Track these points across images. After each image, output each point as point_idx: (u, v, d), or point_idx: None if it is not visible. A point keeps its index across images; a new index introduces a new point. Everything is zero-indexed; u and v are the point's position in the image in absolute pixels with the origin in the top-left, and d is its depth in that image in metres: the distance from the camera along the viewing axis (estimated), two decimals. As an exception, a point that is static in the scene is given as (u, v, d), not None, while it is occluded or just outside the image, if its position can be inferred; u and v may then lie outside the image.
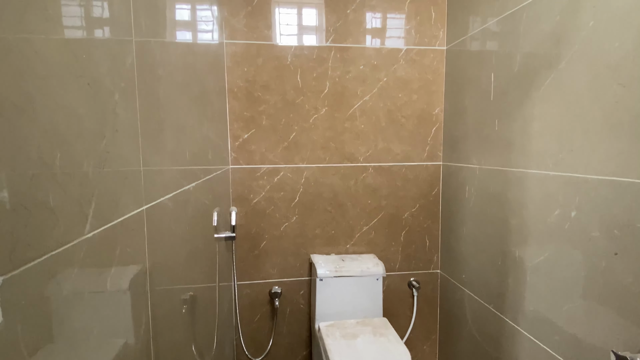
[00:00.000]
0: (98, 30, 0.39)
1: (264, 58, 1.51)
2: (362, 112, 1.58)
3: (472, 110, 1.42)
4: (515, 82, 1.17)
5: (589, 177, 0.90)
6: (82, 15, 0.36)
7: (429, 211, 1.67)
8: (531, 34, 1.09)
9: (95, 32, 0.39)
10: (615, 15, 0.83)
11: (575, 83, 0.94)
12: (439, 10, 1.59)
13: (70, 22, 0.34)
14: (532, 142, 1.10)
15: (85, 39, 0.37)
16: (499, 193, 1.26)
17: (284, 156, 1.56)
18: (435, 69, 1.61)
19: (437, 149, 1.65)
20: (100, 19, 0.40)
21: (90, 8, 0.38)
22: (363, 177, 1.61)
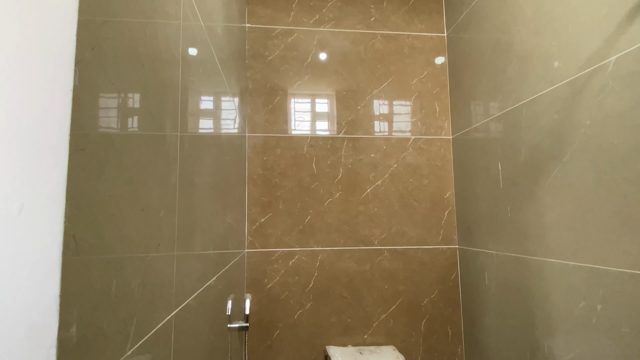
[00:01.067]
0: (155, 161, 0.46)
1: (282, 148, 1.62)
2: (375, 196, 1.64)
3: (483, 197, 1.45)
4: (523, 172, 1.22)
5: (610, 270, 0.89)
6: (146, 153, 0.42)
7: (449, 298, 1.62)
8: (533, 129, 1.17)
9: (154, 163, 0.45)
10: (610, 115, 0.90)
11: (581, 176, 0.98)
12: (442, 104, 1.73)
13: (134, 159, 0.40)
14: (547, 231, 1.11)
15: (144, 171, 0.43)
16: (519, 281, 1.24)
17: (299, 239, 1.58)
18: (443, 156, 1.69)
19: (451, 232, 1.66)
20: (157, 151, 0.47)
21: (153, 145, 0.45)
22: (379, 261, 1.60)
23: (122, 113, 0.38)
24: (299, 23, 1.69)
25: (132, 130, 0.40)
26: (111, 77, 0.35)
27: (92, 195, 0.31)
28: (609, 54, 0.90)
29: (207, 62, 0.84)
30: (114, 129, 0.36)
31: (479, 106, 1.49)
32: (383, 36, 1.74)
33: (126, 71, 0.38)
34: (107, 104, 0.34)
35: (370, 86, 1.70)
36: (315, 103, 1.68)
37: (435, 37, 1.77)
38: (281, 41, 1.68)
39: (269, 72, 1.65)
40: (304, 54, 1.68)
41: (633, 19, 0.84)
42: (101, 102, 0.33)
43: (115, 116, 0.36)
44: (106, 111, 0.34)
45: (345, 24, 1.73)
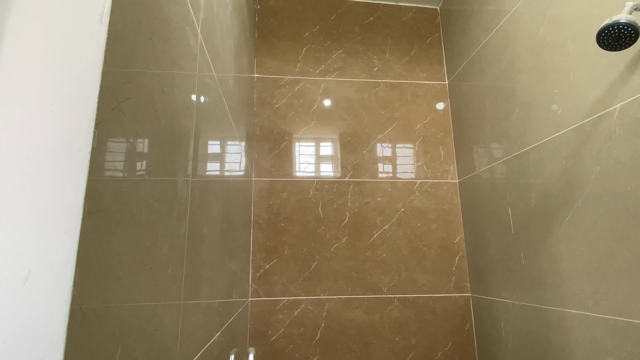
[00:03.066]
0: (167, 215, 0.45)
1: (288, 192, 1.61)
2: (383, 241, 1.60)
3: (494, 242, 1.42)
4: (534, 218, 1.20)
5: (637, 322, 0.84)
6: (158, 209, 0.42)
7: (465, 351, 1.52)
8: (542, 174, 1.17)
9: (165, 218, 0.44)
10: (620, 161, 0.89)
11: (596, 223, 0.96)
12: (447, 149, 1.74)
13: (146, 216, 0.39)
14: (564, 279, 1.07)
15: (156, 227, 0.42)
16: (538, 333, 1.17)
17: (304, 287, 1.52)
18: (450, 199, 1.68)
19: (463, 280, 1.60)
20: (169, 205, 0.46)
21: (166, 199, 0.44)
22: (389, 310, 1.53)
23: (137, 169, 0.37)
24: (305, 73, 1.76)
25: (145, 187, 0.39)
26: (128, 135, 0.35)
27: (102, 259, 0.30)
28: (614, 102, 0.91)
29: (218, 111, 0.86)
30: (128, 187, 0.35)
31: (485, 151, 1.50)
32: (386, 84, 1.79)
33: (143, 128, 0.39)
34: (122, 162, 0.34)
35: (375, 131, 1.73)
36: (321, 147, 1.69)
37: (437, 85, 1.83)
38: (288, 90, 1.73)
39: (275, 119, 1.69)
40: (309, 101, 1.73)
41: (634, 69, 0.86)
42: (117, 161, 0.33)
43: (130, 173, 0.36)
44: (121, 169, 0.34)
45: (350, 73, 1.79)
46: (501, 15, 1.40)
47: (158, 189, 0.42)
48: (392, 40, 1.86)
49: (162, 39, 0.43)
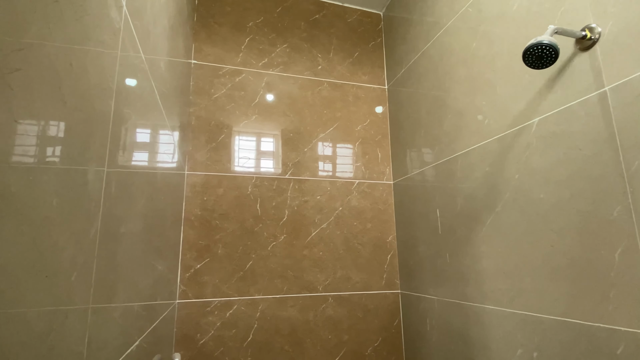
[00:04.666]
0: (72, 213, 0.38)
1: (225, 188, 1.54)
2: (320, 240, 1.60)
3: (424, 242, 1.49)
4: (459, 220, 1.28)
5: (543, 317, 0.93)
6: (59, 205, 0.35)
7: (392, 345, 1.59)
8: (468, 179, 1.25)
9: (70, 216, 0.37)
10: (536, 171, 0.98)
11: (513, 226, 1.05)
12: (384, 151, 1.80)
13: (42, 215, 0.33)
14: (484, 278, 1.15)
15: (55, 228, 0.35)
16: (460, 328, 1.25)
17: (238, 287, 1.46)
18: (385, 200, 1.74)
19: (394, 277, 1.66)
20: (76, 201, 0.39)
21: (71, 192, 0.37)
22: (323, 309, 1.54)
23: (30, 158, 0.31)
24: (247, 64, 1.69)
25: (42, 180, 0.33)
26: (18, 115, 0.28)
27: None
28: (533, 116, 1.00)
29: (146, 95, 0.78)
30: (16, 179, 0.29)
31: (418, 155, 1.57)
32: (329, 84, 1.80)
33: (41, 108, 0.32)
34: (8, 149, 0.27)
35: (316, 130, 1.72)
36: (262, 142, 1.64)
37: (378, 88, 1.88)
38: (228, 80, 1.65)
39: (214, 110, 1.60)
40: (251, 94, 1.67)
41: (551, 87, 0.95)
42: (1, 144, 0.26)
43: (20, 162, 0.29)
44: (7, 158, 0.27)
45: (294, 69, 1.76)
46: (438, 27, 1.47)
47: (60, 182, 0.36)
48: (337, 40, 1.87)
49: (73, 3, 0.37)
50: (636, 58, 0.75)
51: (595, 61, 0.84)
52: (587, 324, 0.82)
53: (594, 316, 0.81)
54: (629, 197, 0.75)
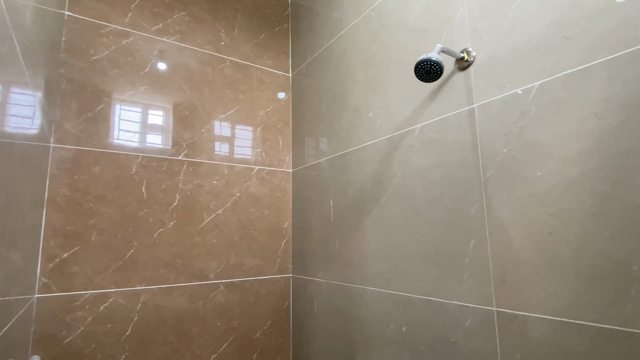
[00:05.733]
0: None
1: (103, 167, 1.35)
2: (215, 226, 1.55)
3: (317, 228, 1.57)
4: (350, 210, 1.38)
5: (413, 297, 1.09)
6: None
7: (281, 327, 1.64)
8: (360, 173, 1.35)
9: None
10: (415, 170, 1.12)
11: (393, 217, 1.18)
12: (285, 139, 1.82)
13: None
14: (367, 262, 1.28)
15: None
16: (343, 308, 1.37)
17: (116, 278, 1.32)
18: (284, 187, 1.76)
19: (287, 262, 1.71)
20: None
21: None
22: (213, 296, 1.50)
23: None
24: (137, 27, 1.49)
25: None
26: None
27: None
28: (416, 122, 1.13)
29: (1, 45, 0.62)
30: None
31: (317, 146, 1.63)
32: (233, 63, 1.71)
33: None
34: None
35: (216, 110, 1.63)
36: (149, 115, 1.48)
37: (282, 75, 1.87)
38: (113, 41, 1.43)
39: (92, 74, 1.37)
40: (141, 61, 1.48)
41: (433, 99, 1.09)
42: None
43: None
44: None
45: (193, 41, 1.62)
46: (343, 24, 1.53)
47: None
48: (243, 18, 1.79)
49: None
50: (499, 83, 0.92)
51: (469, 81, 0.99)
52: (446, 301, 0.99)
53: (451, 295, 0.98)
54: (483, 198, 0.92)
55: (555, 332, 0.76)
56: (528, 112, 0.85)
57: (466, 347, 0.93)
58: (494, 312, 0.87)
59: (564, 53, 0.79)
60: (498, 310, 0.87)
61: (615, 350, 0.68)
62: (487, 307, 0.89)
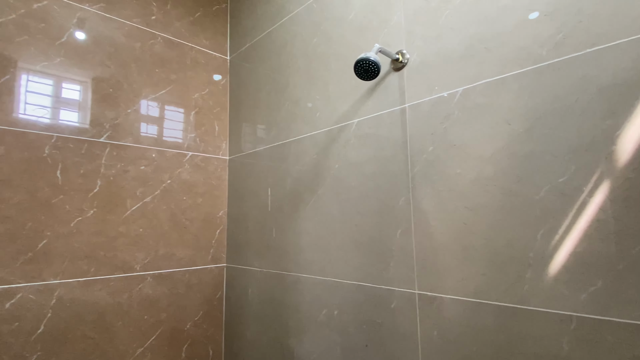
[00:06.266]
0: None
1: (8, 147, 1.18)
2: (142, 215, 1.45)
3: (253, 218, 1.56)
4: (287, 200, 1.40)
5: (345, 282, 1.15)
6: None
7: (213, 317, 1.62)
8: (298, 164, 1.37)
9: None
10: (351, 164, 1.17)
11: (329, 208, 1.22)
12: (222, 125, 1.76)
13: None
14: (302, 251, 1.31)
15: None
16: (278, 295, 1.39)
17: (25, 272, 1.18)
18: (219, 175, 1.71)
19: (221, 251, 1.68)
20: None
21: None
22: (139, 289, 1.41)
23: None
24: (52, -11, 1.31)
25: None
26: None
27: None
28: (354, 117, 1.18)
29: None
30: None
31: (256, 134, 1.61)
32: (165, 40, 1.60)
33: None
34: None
35: (145, 90, 1.52)
36: (62, 89, 1.32)
37: (219, 58, 1.79)
38: (21, 4, 1.25)
39: (-7, 39, 1.19)
40: (57, 30, 1.31)
41: (369, 96, 1.14)
42: None
43: None
44: None
45: (120, 12, 1.48)
46: (286, 11, 1.51)
47: None
48: (178, -8, 1.67)
49: None
50: (428, 86, 0.99)
51: (402, 81, 1.05)
52: (375, 286, 1.06)
53: (380, 280, 1.05)
54: (410, 192, 1.00)
55: (466, 310, 0.87)
56: (452, 115, 0.93)
57: (391, 327, 1.01)
58: (416, 295, 0.96)
59: (484, 63, 0.88)
60: (419, 293, 0.96)
61: (513, 324, 0.79)
62: (410, 291, 0.98)
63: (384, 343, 1.02)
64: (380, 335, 1.04)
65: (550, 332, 0.74)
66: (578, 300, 0.71)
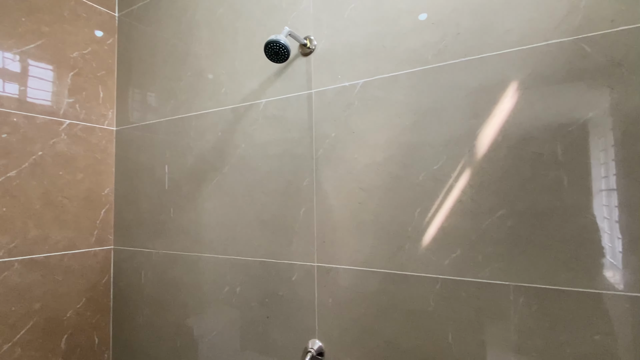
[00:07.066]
0: None
1: None
2: (6, 192, 1.22)
3: (148, 197, 1.46)
4: (188, 177, 1.34)
5: (249, 260, 1.18)
6: None
7: (99, 303, 1.48)
8: (201, 140, 1.32)
9: None
10: (257, 144, 1.18)
11: (234, 187, 1.22)
12: (108, 91, 1.56)
13: None
14: (205, 230, 1.29)
15: None
16: (176, 276, 1.35)
17: None
18: (105, 148, 1.53)
19: (107, 233, 1.53)
20: None
21: None
22: (4, 277, 1.21)
23: None
24: None
25: None
26: None
27: None
28: (262, 97, 1.18)
29: None
30: None
31: (151, 104, 1.48)
32: (33, -18, 1.33)
33: None
34: None
35: (8, 42, 1.25)
36: None
37: (105, 13, 1.57)
38: None
39: None
40: None
41: (278, 77, 1.15)
42: None
43: None
44: None
45: (-34, -64, 1.17)
46: (188, -26, 1.40)
47: None
48: None
49: None
50: (333, 75, 1.05)
51: (310, 67, 1.10)
52: (278, 261, 1.12)
53: (282, 256, 1.11)
54: (314, 173, 1.06)
55: (357, 278, 0.99)
56: (352, 104, 1.02)
57: (291, 298, 1.09)
58: (315, 267, 1.05)
59: (382, 60, 0.98)
60: (318, 265, 1.05)
61: (393, 287, 0.94)
62: (310, 263, 1.06)
63: (285, 313, 1.10)
64: (281, 306, 1.11)
65: (422, 292, 0.90)
66: (442, 265, 0.88)
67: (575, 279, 0.75)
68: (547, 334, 0.77)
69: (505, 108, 0.83)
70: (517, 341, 0.80)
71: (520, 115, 0.81)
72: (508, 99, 0.82)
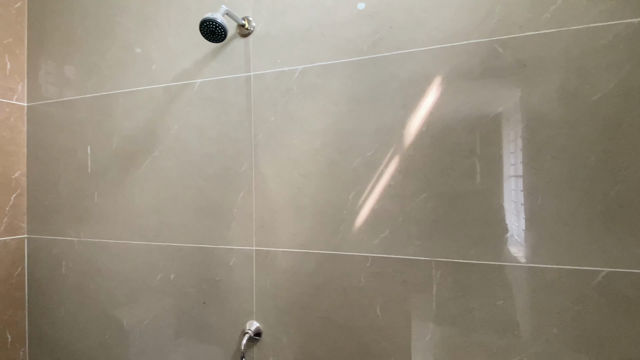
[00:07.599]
0: None
1: None
2: None
3: (67, 181, 1.33)
4: (114, 160, 1.25)
5: (183, 246, 1.15)
6: None
7: (12, 298, 1.34)
8: (129, 120, 1.23)
9: None
10: (193, 126, 1.14)
11: (167, 171, 1.17)
12: (17, 62, 1.38)
13: None
14: (134, 216, 1.22)
15: None
16: (103, 266, 1.27)
17: None
18: (14, 126, 1.36)
19: (19, 220, 1.37)
20: None
21: None
22: None
23: None
24: None
25: None
26: None
27: None
28: (197, 77, 1.14)
29: None
30: None
31: (69, 79, 1.33)
32: None
33: None
34: None
35: None
36: None
37: (11, -30, 1.37)
38: None
39: None
40: None
41: (214, 57, 1.12)
42: None
43: None
44: None
45: None
46: (113, -64, 1.27)
47: None
48: None
49: None
50: (272, 59, 1.05)
51: (248, 49, 1.08)
52: (216, 247, 1.11)
53: (220, 241, 1.10)
54: (253, 158, 1.06)
55: (295, 260, 1.02)
56: (292, 90, 1.03)
57: (229, 282, 1.09)
58: (253, 251, 1.06)
59: (320, 47, 1.00)
60: (257, 249, 1.06)
61: (328, 267, 0.99)
62: (249, 248, 1.07)
63: (222, 298, 1.10)
64: (218, 291, 1.10)
65: (354, 270, 0.96)
66: (373, 245, 0.94)
67: (484, 253, 0.86)
68: (460, 302, 0.87)
69: (430, 100, 0.90)
70: (435, 310, 0.89)
71: (443, 107, 0.89)
72: (433, 92, 0.90)
